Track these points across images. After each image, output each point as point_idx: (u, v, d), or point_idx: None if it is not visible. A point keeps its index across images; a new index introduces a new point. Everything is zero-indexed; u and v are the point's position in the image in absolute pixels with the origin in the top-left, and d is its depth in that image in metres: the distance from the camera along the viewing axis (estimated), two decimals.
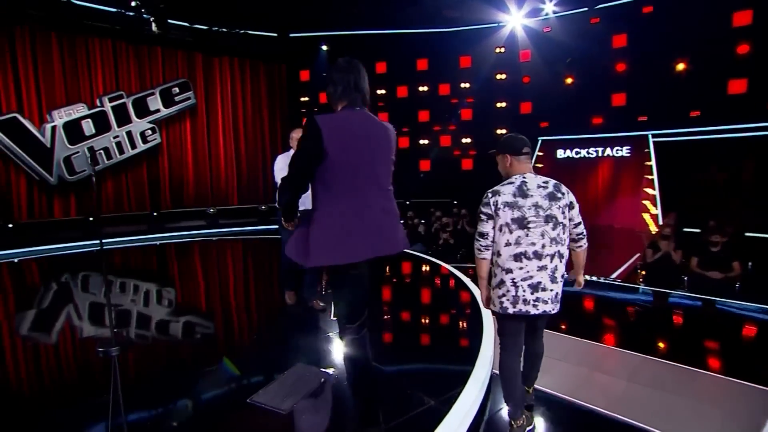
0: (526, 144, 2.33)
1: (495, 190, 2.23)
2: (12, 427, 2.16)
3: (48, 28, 8.72)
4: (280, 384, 2.36)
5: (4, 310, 4.41)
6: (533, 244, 2.14)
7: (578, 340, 3.66)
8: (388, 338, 3.46)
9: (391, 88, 11.25)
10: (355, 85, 1.95)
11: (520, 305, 2.16)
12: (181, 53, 10.36)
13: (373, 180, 1.93)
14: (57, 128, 8.88)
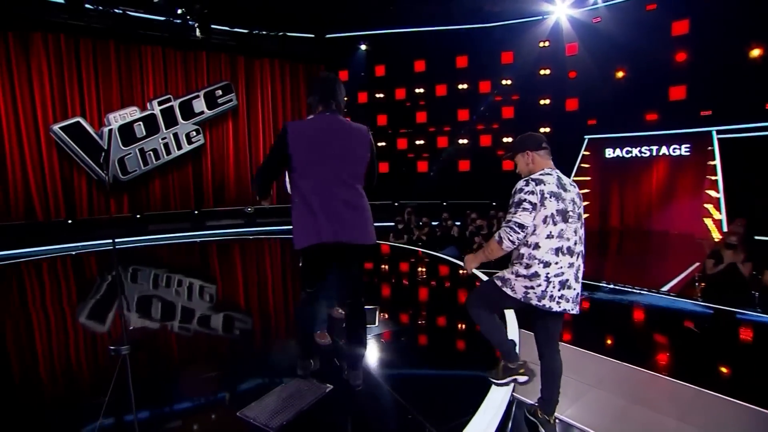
0: (544, 140, 2.27)
1: (537, 179, 2.10)
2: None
3: (108, 38, 9.35)
4: (276, 397, 2.28)
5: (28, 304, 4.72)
6: (569, 240, 2.08)
7: (618, 363, 3.11)
8: (408, 333, 3.39)
9: (430, 87, 11.02)
10: (331, 95, 2.32)
11: (546, 301, 2.07)
12: (224, 56, 10.75)
13: (337, 177, 2.22)
14: (113, 131, 9.50)
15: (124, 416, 2.23)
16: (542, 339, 2.26)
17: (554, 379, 2.25)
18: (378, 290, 4.82)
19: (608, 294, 4.97)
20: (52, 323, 3.93)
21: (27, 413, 2.34)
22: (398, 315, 3.90)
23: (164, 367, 2.88)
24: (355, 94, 11.65)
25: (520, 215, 2.05)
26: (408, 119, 11.25)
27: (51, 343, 3.51)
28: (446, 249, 7.02)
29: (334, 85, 2.35)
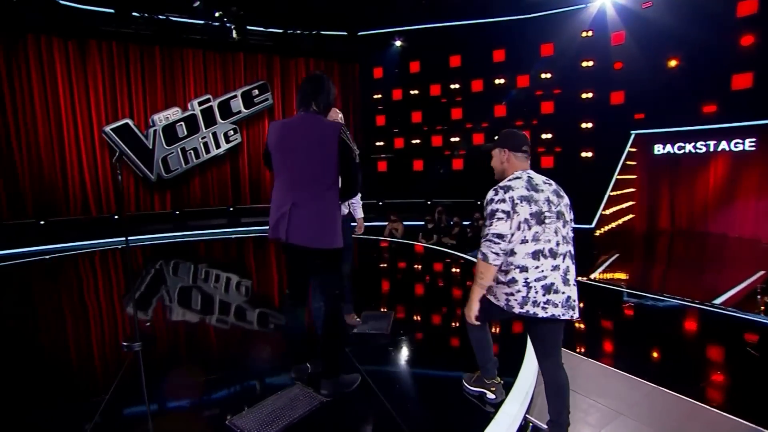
0: (527, 142, 2.21)
1: (505, 186, 2.05)
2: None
3: (153, 44, 9.84)
4: (269, 406, 2.25)
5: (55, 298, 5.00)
6: (548, 241, 2.01)
7: (654, 388, 2.66)
8: (421, 344, 3.26)
9: (466, 83, 10.71)
10: (310, 94, 2.31)
11: (529, 306, 1.99)
12: (260, 57, 10.99)
13: (295, 177, 2.25)
14: (157, 131, 10.01)
15: (115, 414, 2.27)
16: (539, 350, 2.12)
17: (561, 396, 2.07)
18: (396, 294, 4.72)
19: (653, 305, 4.50)
20: (72, 316, 4.14)
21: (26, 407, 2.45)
22: (412, 322, 3.78)
23: (169, 367, 2.91)
24: (390, 91, 11.55)
25: (495, 225, 1.99)
26: (443, 116, 11.00)
27: (65, 335, 3.69)
28: (476, 251, 6.78)
29: (315, 85, 2.33)
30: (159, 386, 2.57)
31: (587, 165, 9.45)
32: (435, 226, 8.06)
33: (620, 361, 3.06)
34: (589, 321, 4.09)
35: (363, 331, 3.37)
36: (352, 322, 3.50)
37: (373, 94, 11.78)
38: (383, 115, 11.81)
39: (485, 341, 2.34)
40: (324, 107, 2.35)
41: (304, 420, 2.15)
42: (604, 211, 9.29)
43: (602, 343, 3.62)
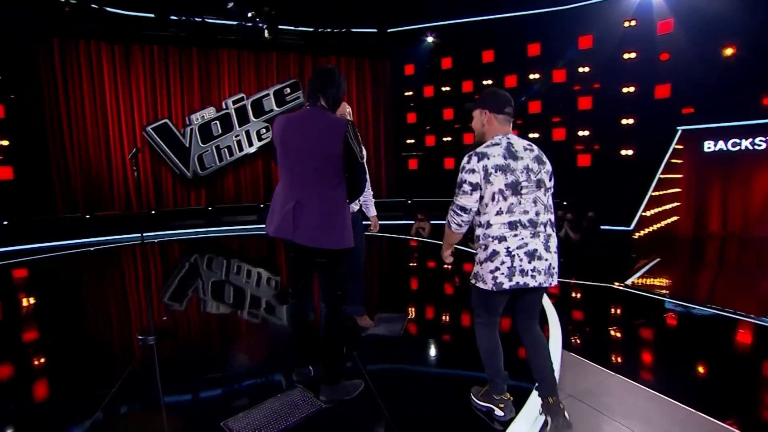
0: (509, 103, 2.09)
1: (481, 153, 1.96)
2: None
3: (191, 46, 10.21)
4: (265, 409, 2.22)
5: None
6: (526, 212, 1.95)
7: (692, 413, 2.34)
8: (433, 350, 3.13)
9: (499, 78, 10.36)
10: (317, 88, 2.23)
11: (518, 277, 1.93)
12: (292, 55, 11.15)
13: (297, 173, 2.18)
14: (194, 130, 10.37)
15: (115, 408, 2.32)
16: (521, 319, 2.15)
17: (541, 354, 2.12)
18: (414, 296, 4.60)
19: (696, 316, 4.07)
20: (96, 307, 4.32)
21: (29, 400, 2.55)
22: (427, 326, 3.66)
23: (175, 363, 2.93)
24: (421, 88, 11.39)
25: (461, 198, 1.97)
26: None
27: (85, 325, 3.84)
28: None
29: (323, 79, 2.24)
30: (163, 382, 2.61)
31: (627, 163, 8.90)
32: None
33: (654, 380, 2.77)
34: (621, 331, 3.81)
35: (375, 334, 3.31)
36: (364, 324, 3.43)
37: (404, 91, 11.66)
38: (414, 113, 11.66)
39: (495, 352, 2.17)
40: (333, 102, 2.26)
41: (299, 426, 2.10)
42: (644, 212, 8.71)
43: (634, 358, 3.30)
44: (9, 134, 8.68)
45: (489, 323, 2.15)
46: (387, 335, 3.28)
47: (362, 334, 3.29)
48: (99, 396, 2.40)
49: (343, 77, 2.34)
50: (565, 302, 4.83)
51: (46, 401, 2.52)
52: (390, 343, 3.18)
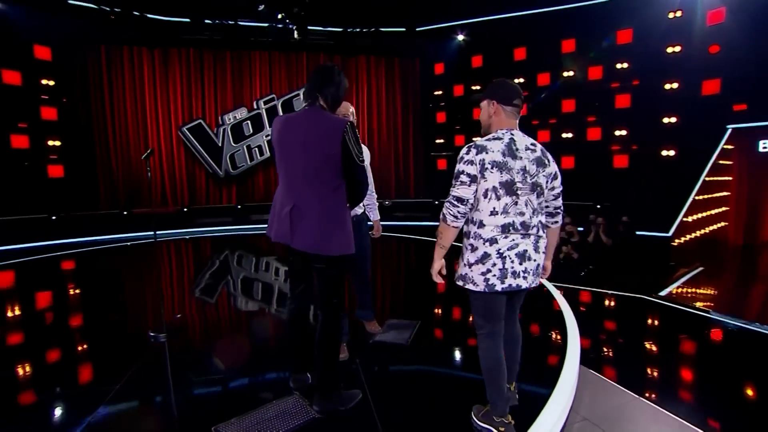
0: (519, 95, 2.03)
1: (480, 146, 1.91)
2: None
3: (225, 49, 10.52)
4: (259, 416, 2.20)
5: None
6: (521, 214, 1.92)
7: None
8: (441, 361, 3.02)
9: (531, 76, 10.00)
10: (315, 87, 2.15)
11: (510, 279, 1.91)
12: (323, 56, 11.23)
13: (294, 176, 2.11)
14: (226, 130, 10.69)
15: (117, 403, 2.38)
16: (507, 317, 2.14)
17: (515, 346, 2.23)
18: (429, 302, 4.47)
19: (746, 338, 3.65)
20: (115, 302, 4.50)
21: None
22: (438, 334, 3.55)
23: (180, 363, 2.95)
24: (451, 87, 11.19)
25: (458, 189, 1.91)
26: None
27: (101, 321, 3.99)
28: None
29: (322, 77, 2.16)
30: (163, 382, 2.66)
31: (668, 165, 8.32)
32: None
33: (685, 408, 2.51)
34: (651, 348, 3.55)
35: (382, 341, 3.24)
36: (372, 330, 3.36)
37: (434, 91, 11.50)
38: (443, 112, 11.48)
39: (498, 369, 2.05)
40: (332, 101, 2.18)
41: None
42: (685, 217, 8.13)
43: (664, 380, 3.01)
44: (61, 135, 9.29)
45: (491, 333, 2.04)
46: (394, 342, 3.21)
47: (369, 341, 3.23)
48: (101, 392, 2.48)
49: (344, 75, 2.25)
50: (589, 312, 4.58)
51: (50, 392, 2.62)
52: (396, 351, 3.10)
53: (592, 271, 5.90)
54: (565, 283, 5.23)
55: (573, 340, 3.23)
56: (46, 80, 9.09)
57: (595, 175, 9.10)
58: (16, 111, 8.63)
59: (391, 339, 3.27)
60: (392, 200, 11.00)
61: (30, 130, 8.87)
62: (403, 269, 6.14)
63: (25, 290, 5.32)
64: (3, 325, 3.82)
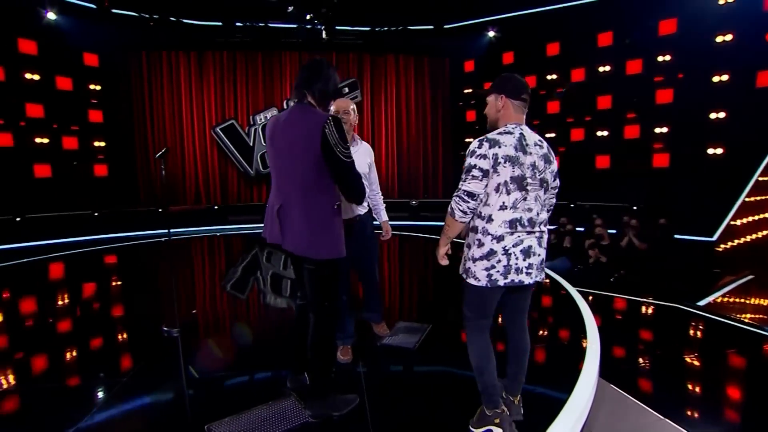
0: (526, 90, 2.00)
1: (493, 140, 1.88)
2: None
3: (256, 50, 10.80)
4: (253, 416, 2.19)
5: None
6: (530, 210, 1.91)
7: None
8: (447, 366, 2.88)
9: (565, 72, 9.60)
10: (306, 82, 2.08)
11: (513, 275, 1.90)
12: (352, 55, 11.31)
13: (281, 177, 2.09)
14: (257, 130, 10.96)
15: (120, 396, 2.45)
16: (510, 317, 2.14)
17: (522, 357, 2.15)
18: (445, 304, 4.35)
19: None
20: (137, 296, 4.66)
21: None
22: (447, 338, 3.42)
23: (185, 358, 3.02)
24: (481, 84, 10.93)
25: (469, 183, 1.87)
26: (539, 110, 10.02)
27: (120, 314, 4.14)
28: (556, 260, 6.06)
29: (310, 72, 2.09)
30: (166, 377, 2.72)
31: (714, 164, 7.72)
32: None
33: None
34: (683, 364, 3.26)
35: (388, 344, 3.18)
36: (380, 333, 3.30)
37: (464, 89, 11.29)
38: (473, 110, 11.25)
39: (487, 362, 2.02)
40: (321, 97, 2.08)
41: None
42: (733, 221, 7.50)
43: (696, 400, 2.75)
44: (105, 136, 9.87)
45: (480, 326, 2.04)
46: (401, 346, 3.14)
47: (377, 343, 3.18)
48: (108, 383, 2.58)
49: (335, 69, 2.16)
50: (615, 321, 4.32)
51: (57, 385, 2.74)
52: (401, 355, 3.03)
53: (622, 277, 5.57)
54: (592, 289, 4.97)
55: (592, 350, 3.03)
56: (93, 85, 9.70)
57: (632, 175, 8.62)
58: (67, 114, 9.26)
59: (398, 342, 3.21)
60: (419, 200, 10.89)
61: (79, 132, 9.47)
62: (421, 270, 6.04)
63: (60, 282, 5.66)
64: (30, 314, 4.08)
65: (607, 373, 2.87)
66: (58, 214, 8.67)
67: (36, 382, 2.71)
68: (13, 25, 8.34)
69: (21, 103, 8.62)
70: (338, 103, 2.71)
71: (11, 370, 2.88)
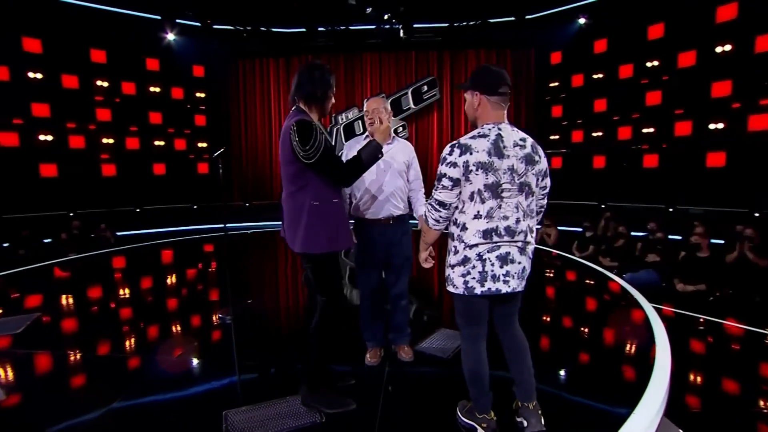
0: (505, 81, 1.83)
1: (464, 145, 1.79)
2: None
3: (338, 53, 11.28)
4: (268, 409, 2.29)
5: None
6: (506, 218, 1.80)
7: None
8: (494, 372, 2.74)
9: (670, 57, 8.38)
10: (296, 86, 2.20)
11: (489, 283, 1.83)
12: (431, 53, 11.22)
13: (282, 177, 2.22)
14: (339, 129, 11.45)
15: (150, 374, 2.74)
16: (499, 323, 2.06)
17: (521, 355, 2.03)
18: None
19: None
20: (206, 282, 5.12)
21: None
22: (491, 351, 3.23)
23: (227, 344, 3.24)
24: (569, 77, 10.09)
25: (440, 193, 1.84)
26: (636, 102, 8.92)
27: (188, 298, 4.58)
28: (640, 273, 5.38)
29: (299, 77, 2.18)
30: (204, 360, 2.98)
31: None
32: (594, 234, 6.71)
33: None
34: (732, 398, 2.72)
35: (422, 350, 3.11)
36: (403, 357, 2.92)
37: (549, 82, 10.51)
38: (560, 105, 10.42)
39: (480, 373, 1.99)
40: (309, 99, 2.16)
41: None
42: None
43: None
44: (207, 138, 11.15)
45: (473, 335, 1.98)
46: (434, 354, 3.06)
47: (413, 348, 3.09)
48: (153, 360, 2.93)
49: (327, 70, 2.21)
50: (702, 350, 3.69)
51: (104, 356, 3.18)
52: (433, 364, 2.94)
53: (726, 297, 4.72)
54: (681, 309, 4.33)
55: (659, 382, 2.61)
56: (199, 93, 11.01)
57: (754, 176, 7.26)
58: (179, 120, 10.65)
59: (432, 350, 3.13)
60: None
61: (188, 135, 10.84)
62: None
63: (155, 265, 6.49)
64: (108, 296, 4.80)
65: (674, 413, 2.48)
66: (168, 207, 10.04)
67: (98, 350, 3.21)
68: (142, 46, 9.85)
69: (145, 112, 10.16)
70: (368, 103, 2.76)
71: (85, 339, 3.43)
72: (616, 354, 3.23)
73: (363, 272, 2.83)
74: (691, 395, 2.83)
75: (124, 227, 8.91)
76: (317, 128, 2.10)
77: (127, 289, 5.06)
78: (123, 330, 3.73)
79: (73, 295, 4.80)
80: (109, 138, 9.68)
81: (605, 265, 5.87)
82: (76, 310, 4.37)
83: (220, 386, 2.64)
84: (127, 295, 4.83)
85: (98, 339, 3.43)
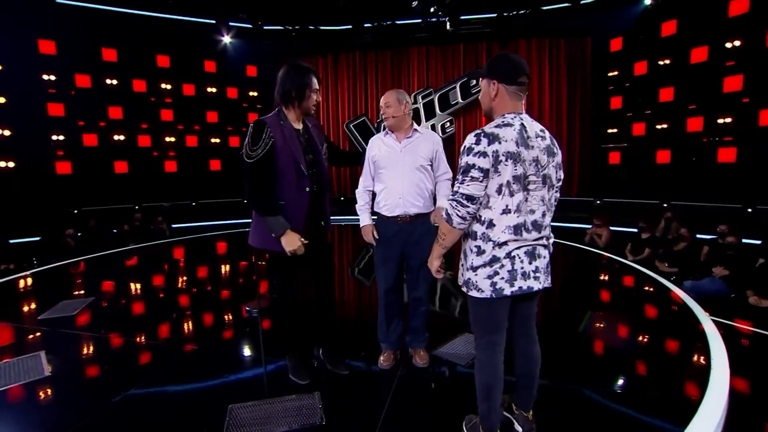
0: (524, 71, 1.74)
1: (492, 134, 1.65)
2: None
3: (385, 49, 11.24)
4: (272, 406, 2.30)
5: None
6: (532, 212, 1.72)
7: None
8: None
9: (756, 36, 7.34)
10: (275, 88, 2.33)
11: (520, 281, 1.72)
12: (479, 45, 10.82)
13: None
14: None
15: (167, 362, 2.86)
16: (518, 326, 1.93)
17: (534, 367, 1.96)
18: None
19: None
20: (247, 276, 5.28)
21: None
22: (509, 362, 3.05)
23: (249, 337, 3.33)
24: (631, 65, 9.26)
25: (468, 185, 1.66)
26: (709, 89, 7.99)
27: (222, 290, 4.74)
28: (703, 281, 4.83)
29: (278, 78, 2.32)
30: (220, 352, 3.05)
31: None
32: (651, 236, 6.12)
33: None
34: None
35: (439, 355, 2.99)
36: (419, 363, 2.82)
37: (608, 72, 9.72)
38: (620, 96, 9.61)
39: (494, 387, 1.84)
40: (283, 99, 2.31)
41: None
42: None
43: None
44: None
45: (492, 343, 1.83)
46: (450, 360, 2.93)
47: (432, 352, 2.98)
48: (179, 350, 3.05)
49: (304, 70, 2.28)
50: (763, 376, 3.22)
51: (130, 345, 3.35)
52: (448, 370, 2.82)
53: None
54: (755, 327, 3.83)
55: (708, 411, 2.30)
56: (252, 92, 11.48)
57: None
58: (234, 118, 11.21)
59: (450, 355, 3.00)
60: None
61: (240, 133, 11.36)
62: None
63: (200, 256, 6.80)
64: (149, 283, 5.07)
65: None
66: (221, 201, 10.59)
67: (130, 335, 3.42)
68: (201, 50, 10.48)
69: (203, 112, 10.79)
70: (382, 97, 2.68)
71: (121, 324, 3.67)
72: (658, 371, 2.90)
73: (379, 271, 2.76)
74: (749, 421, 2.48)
75: (180, 220, 9.55)
76: (267, 134, 2.16)
77: (164, 280, 5.40)
78: (155, 318, 3.94)
79: (122, 283, 5.15)
80: (171, 136, 10.40)
81: (662, 271, 5.34)
82: (117, 297, 4.68)
83: (236, 379, 2.71)
84: (162, 285, 5.15)
85: (132, 326, 3.68)
